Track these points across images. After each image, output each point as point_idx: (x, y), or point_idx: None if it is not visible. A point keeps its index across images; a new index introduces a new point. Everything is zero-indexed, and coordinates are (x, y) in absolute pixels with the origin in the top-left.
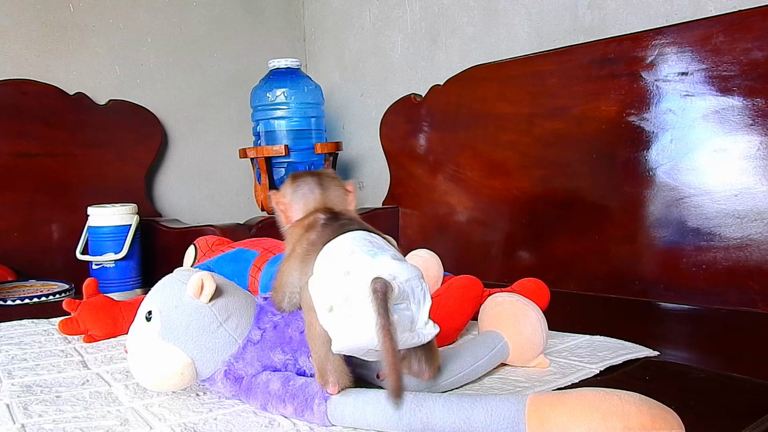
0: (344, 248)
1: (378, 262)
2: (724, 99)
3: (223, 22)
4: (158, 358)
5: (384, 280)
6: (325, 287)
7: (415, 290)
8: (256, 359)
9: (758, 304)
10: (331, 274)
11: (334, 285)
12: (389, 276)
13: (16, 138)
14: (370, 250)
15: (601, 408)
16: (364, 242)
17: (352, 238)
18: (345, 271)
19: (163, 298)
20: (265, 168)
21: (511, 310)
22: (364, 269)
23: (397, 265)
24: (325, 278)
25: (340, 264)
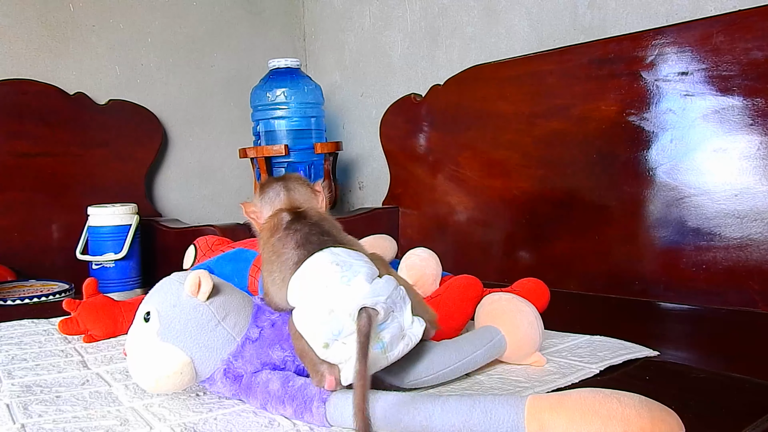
0: (318, 281)
1: (355, 292)
2: (724, 99)
3: (223, 21)
4: (157, 358)
5: (367, 311)
6: (314, 326)
7: (396, 301)
8: (255, 357)
9: (758, 304)
10: (314, 313)
11: (321, 324)
12: (371, 302)
13: (16, 138)
14: (342, 276)
15: (600, 412)
16: (332, 267)
17: (319, 265)
18: (329, 309)
19: (161, 299)
20: (265, 168)
21: (507, 306)
22: (345, 302)
23: (373, 287)
24: (310, 317)
25: (321, 301)
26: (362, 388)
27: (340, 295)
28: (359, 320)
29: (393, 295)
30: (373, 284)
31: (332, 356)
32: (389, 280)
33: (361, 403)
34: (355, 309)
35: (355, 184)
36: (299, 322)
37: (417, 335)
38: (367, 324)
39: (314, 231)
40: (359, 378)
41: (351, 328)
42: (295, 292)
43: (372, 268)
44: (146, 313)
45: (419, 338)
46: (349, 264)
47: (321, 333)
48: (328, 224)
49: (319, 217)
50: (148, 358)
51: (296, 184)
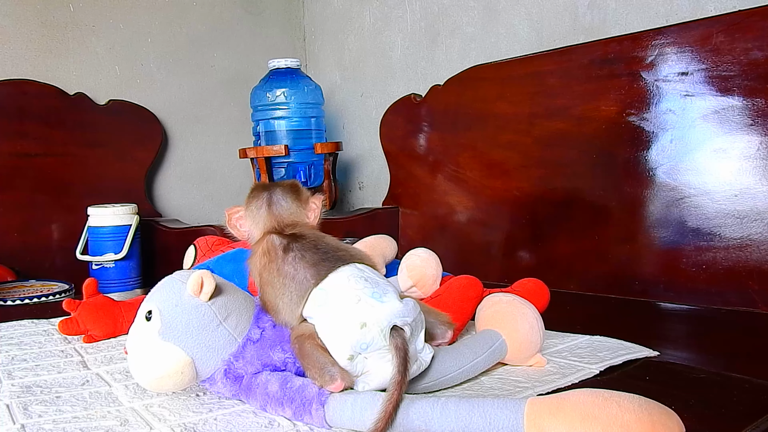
0: (348, 294)
1: (388, 309)
2: (724, 99)
3: (223, 22)
4: (158, 358)
5: (400, 331)
6: (342, 337)
7: (418, 324)
8: (256, 358)
9: (758, 304)
10: (345, 324)
11: (351, 336)
12: (402, 322)
13: (16, 138)
14: (374, 292)
15: (600, 418)
16: (362, 282)
17: (348, 278)
18: (361, 322)
19: (163, 298)
20: (265, 168)
21: (507, 308)
22: (378, 318)
23: (404, 307)
24: (340, 328)
25: (352, 314)
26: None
27: (374, 310)
28: (395, 339)
29: (417, 319)
30: (404, 304)
31: (353, 369)
32: (415, 304)
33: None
34: (387, 325)
35: (355, 184)
36: (325, 332)
37: (427, 361)
38: (404, 342)
39: (321, 248)
40: (398, 387)
41: (379, 344)
42: (319, 304)
43: (396, 287)
44: (148, 312)
45: (428, 364)
46: (375, 281)
47: (349, 345)
48: (329, 241)
49: (315, 236)
50: (149, 357)
51: (282, 197)
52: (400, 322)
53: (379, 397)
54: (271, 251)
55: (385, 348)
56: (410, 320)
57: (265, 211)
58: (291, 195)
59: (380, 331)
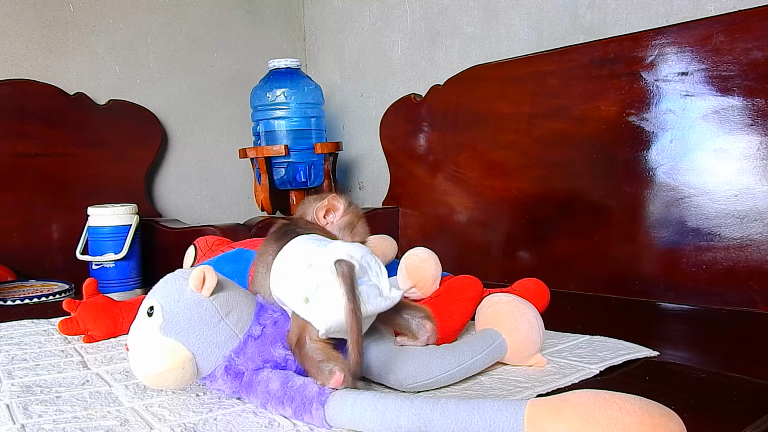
0: (296, 249)
1: (332, 248)
2: (724, 99)
3: (223, 22)
4: (159, 353)
5: (345, 261)
6: (294, 283)
7: (371, 264)
8: (257, 354)
9: (758, 304)
10: (294, 271)
11: (301, 279)
12: (347, 256)
13: (16, 138)
14: (319, 244)
15: (600, 420)
16: (311, 241)
17: (298, 240)
18: (307, 264)
19: (165, 293)
20: (265, 168)
21: (507, 308)
22: (323, 257)
23: (349, 246)
24: (290, 276)
25: (299, 261)
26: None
27: (318, 252)
28: (340, 268)
29: (368, 258)
30: (349, 245)
31: (311, 311)
32: (365, 247)
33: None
34: (332, 261)
35: (355, 184)
36: (278, 286)
37: (394, 299)
38: (350, 270)
39: (291, 229)
40: (351, 314)
41: (329, 279)
42: (276, 268)
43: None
44: (149, 308)
45: (396, 300)
46: (326, 241)
47: (301, 288)
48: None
49: (303, 223)
50: (150, 353)
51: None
52: (346, 257)
53: (381, 397)
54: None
55: (336, 284)
56: (357, 257)
57: None
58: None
59: (327, 267)
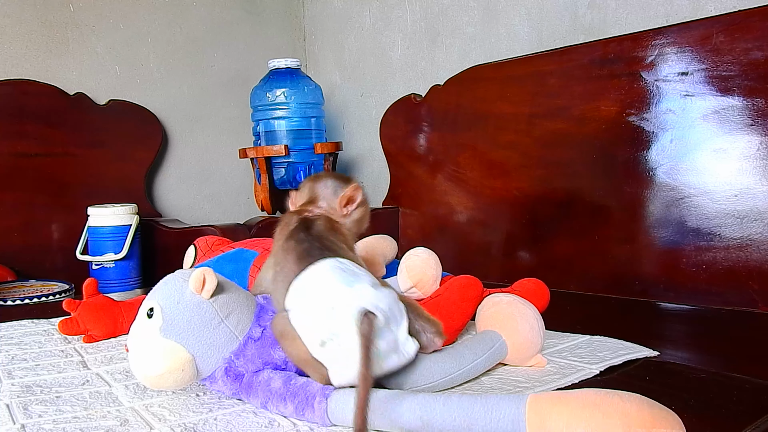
0: (321, 281)
1: (357, 293)
2: (724, 99)
3: (223, 21)
4: (159, 355)
5: (369, 315)
6: (313, 323)
7: (395, 313)
8: (257, 356)
9: (758, 304)
10: (315, 309)
11: (321, 321)
12: (373, 306)
13: (16, 138)
14: (346, 278)
15: (601, 407)
16: (338, 272)
17: (325, 269)
18: (330, 306)
19: (165, 295)
20: (265, 168)
21: (508, 309)
22: (348, 302)
23: (377, 294)
24: (310, 314)
25: (323, 298)
26: (365, 390)
27: (343, 295)
28: (362, 322)
29: (393, 307)
30: (376, 290)
31: (325, 356)
32: (391, 292)
33: (362, 404)
34: (356, 310)
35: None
36: (297, 319)
37: (410, 354)
38: (369, 327)
39: (315, 246)
40: (363, 380)
41: (349, 330)
42: (295, 295)
43: (374, 279)
44: (149, 309)
45: (411, 357)
46: (352, 271)
47: (319, 330)
48: (334, 238)
49: (324, 228)
50: (149, 354)
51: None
52: (371, 307)
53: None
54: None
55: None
56: (383, 307)
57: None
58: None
59: (350, 315)
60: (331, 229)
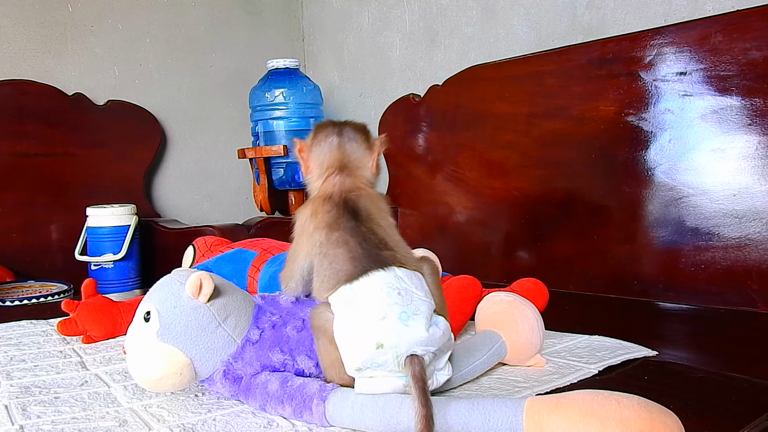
0: (375, 305)
1: (410, 336)
2: (722, 99)
3: (222, 22)
4: (157, 359)
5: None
6: (356, 351)
7: (443, 349)
8: (255, 359)
9: (757, 304)
10: (363, 339)
11: (365, 353)
12: (423, 351)
13: (15, 138)
14: (402, 312)
15: (599, 414)
16: (393, 296)
17: (380, 287)
18: (378, 343)
19: (162, 299)
20: (264, 168)
21: (508, 309)
22: (397, 344)
23: (430, 336)
24: (357, 341)
25: (372, 331)
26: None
27: (394, 334)
28: (413, 367)
29: (443, 344)
30: (430, 332)
31: (359, 378)
32: (446, 328)
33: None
34: (405, 353)
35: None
36: (342, 337)
37: (441, 382)
38: (422, 372)
39: (371, 240)
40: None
41: (391, 367)
42: (344, 302)
43: (431, 304)
44: (146, 313)
45: (441, 385)
46: (410, 296)
47: (361, 360)
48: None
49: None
50: (147, 358)
51: (352, 138)
52: (421, 351)
53: (380, 396)
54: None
55: (397, 372)
56: (433, 349)
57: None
58: (360, 137)
59: (395, 357)
60: (377, 209)
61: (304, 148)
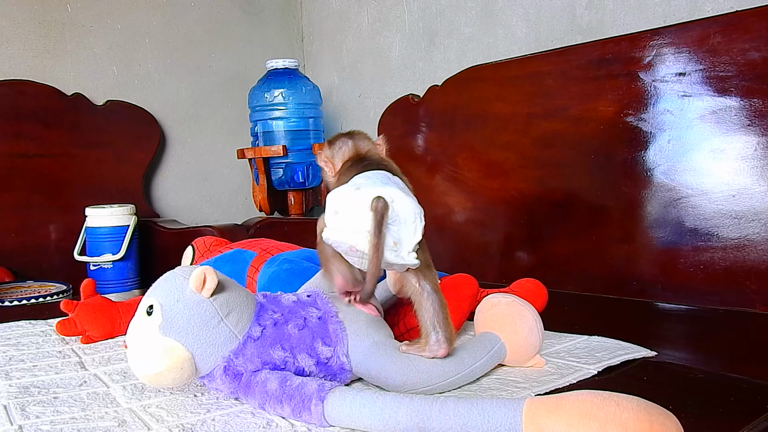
0: (362, 176)
1: (384, 188)
2: (721, 99)
3: (221, 22)
4: (158, 353)
5: (384, 200)
6: (337, 196)
7: (407, 220)
8: (256, 356)
9: (756, 304)
10: (344, 188)
11: (344, 195)
12: (389, 198)
13: (14, 139)
14: (384, 181)
15: (598, 416)
16: (380, 175)
17: (372, 173)
18: (356, 186)
19: (165, 293)
20: (263, 168)
21: (507, 310)
22: (371, 189)
23: (401, 194)
24: (339, 191)
25: (354, 184)
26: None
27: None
28: (375, 202)
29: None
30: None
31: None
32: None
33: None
34: (374, 194)
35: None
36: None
37: (407, 261)
38: (382, 206)
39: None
40: (374, 249)
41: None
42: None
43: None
44: (149, 307)
45: (406, 265)
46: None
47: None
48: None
49: (379, 158)
50: (148, 352)
51: (362, 138)
52: (387, 198)
53: (379, 394)
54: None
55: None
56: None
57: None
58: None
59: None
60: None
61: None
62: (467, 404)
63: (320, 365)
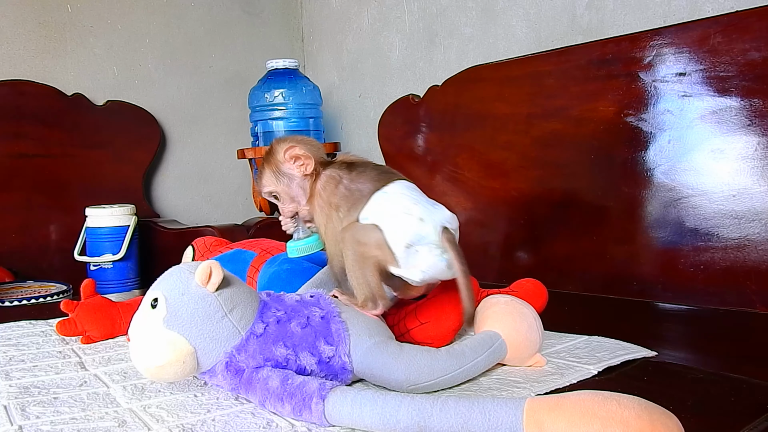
0: (407, 198)
1: (440, 213)
2: (721, 100)
3: (222, 22)
4: (161, 346)
5: (451, 235)
6: (404, 228)
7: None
8: (258, 352)
9: (756, 305)
10: (404, 218)
11: (410, 227)
12: (451, 226)
13: (14, 139)
14: (427, 201)
15: (599, 414)
16: (416, 193)
17: (405, 188)
18: (419, 218)
19: (170, 286)
20: None
21: (506, 309)
22: (433, 218)
23: (452, 217)
24: (399, 221)
25: (411, 211)
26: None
27: (429, 212)
28: (446, 235)
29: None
30: (451, 215)
31: (409, 257)
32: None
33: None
34: (439, 224)
35: None
36: (387, 223)
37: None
38: (454, 239)
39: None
40: (463, 274)
41: (432, 238)
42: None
43: None
44: (154, 300)
45: None
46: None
47: (408, 234)
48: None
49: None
50: (151, 345)
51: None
52: (450, 227)
53: (380, 394)
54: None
55: (435, 243)
56: (455, 227)
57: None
58: None
59: (434, 227)
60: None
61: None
62: (468, 403)
63: (322, 364)
